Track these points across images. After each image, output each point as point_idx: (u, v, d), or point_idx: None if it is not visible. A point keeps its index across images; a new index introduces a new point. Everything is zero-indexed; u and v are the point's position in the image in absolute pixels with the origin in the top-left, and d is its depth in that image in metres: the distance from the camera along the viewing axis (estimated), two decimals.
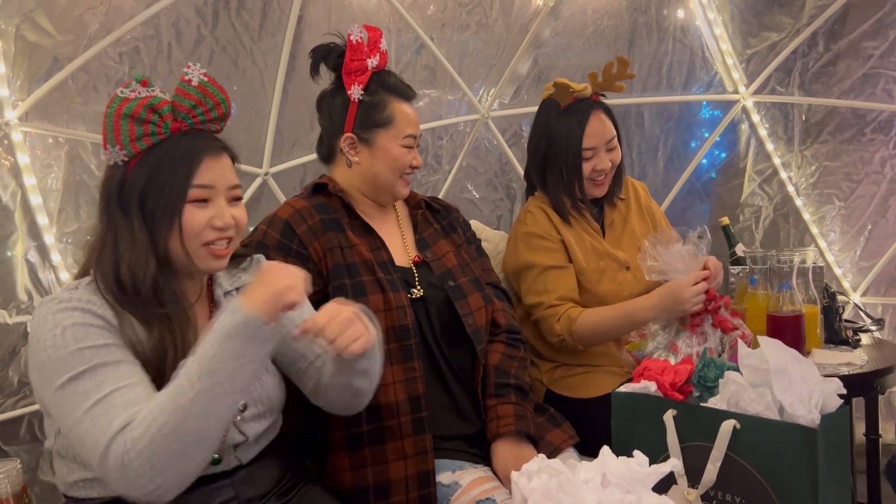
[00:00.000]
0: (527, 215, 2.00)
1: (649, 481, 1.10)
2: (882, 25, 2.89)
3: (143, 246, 1.21)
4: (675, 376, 1.37)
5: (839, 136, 3.05)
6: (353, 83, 1.65)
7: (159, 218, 1.22)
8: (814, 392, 1.25)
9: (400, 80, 1.71)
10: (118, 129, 1.21)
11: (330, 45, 1.69)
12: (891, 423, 2.92)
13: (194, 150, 1.24)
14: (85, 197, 2.27)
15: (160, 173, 1.22)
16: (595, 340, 1.89)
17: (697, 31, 3.07)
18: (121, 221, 1.22)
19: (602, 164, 1.95)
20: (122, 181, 1.23)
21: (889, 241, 3.05)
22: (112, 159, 1.23)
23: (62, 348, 1.12)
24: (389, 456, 1.55)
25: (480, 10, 2.80)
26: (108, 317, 1.18)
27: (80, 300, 1.17)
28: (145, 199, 1.22)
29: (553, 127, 1.96)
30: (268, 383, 1.34)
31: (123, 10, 2.25)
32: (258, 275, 1.16)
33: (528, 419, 1.65)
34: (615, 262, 1.97)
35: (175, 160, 1.22)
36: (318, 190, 1.70)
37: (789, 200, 3.17)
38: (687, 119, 3.20)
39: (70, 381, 1.11)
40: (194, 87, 1.24)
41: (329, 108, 1.70)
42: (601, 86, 1.98)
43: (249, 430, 1.30)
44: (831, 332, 2.19)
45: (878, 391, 2.03)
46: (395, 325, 1.57)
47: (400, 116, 1.67)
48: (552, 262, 1.92)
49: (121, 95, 1.22)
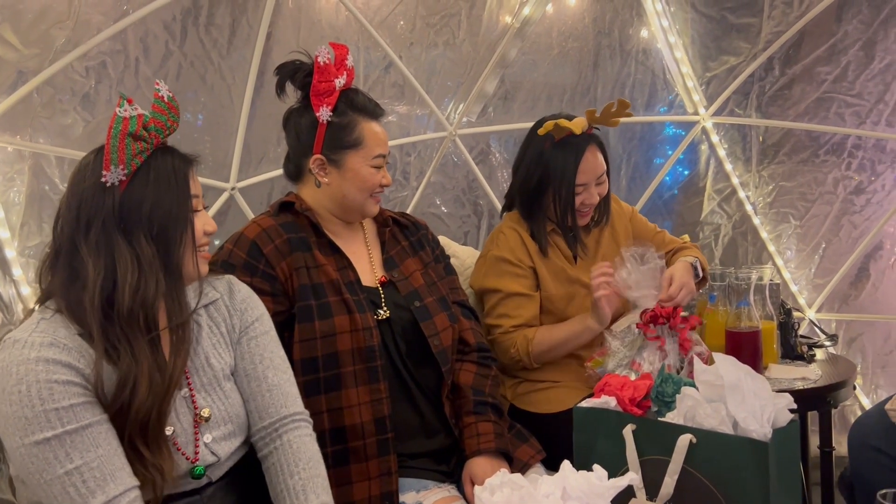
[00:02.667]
0: (500, 236, 2.02)
1: (608, 495, 1.13)
2: (834, 52, 2.99)
3: (151, 264, 1.21)
4: (634, 392, 1.40)
5: (794, 157, 3.14)
6: (322, 105, 1.63)
7: (172, 231, 1.23)
8: (766, 407, 1.30)
9: (368, 99, 1.70)
10: (123, 148, 1.21)
11: (296, 64, 1.67)
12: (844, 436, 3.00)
13: (182, 162, 1.27)
14: (48, 211, 2.24)
15: (164, 188, 1.23)
16: (550, 356, 1.94)
17: (659, 54, 3.15)
18: (121, 243, 1.20)
19: (591, 198, 1.99)
20: (119, 202, 1.21)
21: (842, 258, 3.14)
22: (110, 181, 1.21)
23: (27, 407, 1.11)
24: (353, 477, 1.54)
25: (448, 30, 2.84)
26: (74, 359, 1.15)
27: (44, 343, 1.14)
28: (154, 215, 1.22)
29: (547, 159, 1.97)
30: (235, 401, 1.35)
31: (91, 25, 2.24)
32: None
33: (505, 437, 1.67)
34: (584, 288, 2.00)
35: (170, 173, 1.25)
36: (285, 208, 1.69)
37: (747, 219, 3.25)
38: (650, 138, 3.27)
39: (36, 444, 1.11)
40: (166, 102, 1.27)
41: (296, 127, 1.68)
42: (598, 121, 1.99)
43: (221, 451, 1.31)
44: (787, 347, 2.25)
45: (831, 405, 2.09)
46: (362, 346, 1.57)
47: (369, 137, 1.66)
48: (517, 288, 1.95)
49: (121, 114, 1.21)
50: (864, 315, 3.14)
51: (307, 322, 1.57)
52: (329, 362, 1.56)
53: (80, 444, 1.12)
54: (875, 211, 3.08)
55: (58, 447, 1.11)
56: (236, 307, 1.40)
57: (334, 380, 1.56)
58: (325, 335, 1.56)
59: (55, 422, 1.11)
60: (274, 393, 1.37)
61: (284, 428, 1.36)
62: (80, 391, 1.14)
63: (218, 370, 1.34)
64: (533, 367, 1.94)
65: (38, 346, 1.14)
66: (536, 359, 1.92)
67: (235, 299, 1.41)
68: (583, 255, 2.06)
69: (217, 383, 1.33)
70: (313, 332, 1.56)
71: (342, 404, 1.56)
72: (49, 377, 1.12)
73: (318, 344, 1.56)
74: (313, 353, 1.56)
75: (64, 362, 1.14)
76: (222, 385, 1.34)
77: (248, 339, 1.39)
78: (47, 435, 1.11)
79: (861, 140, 3.04)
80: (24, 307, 2.18)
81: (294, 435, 1.36)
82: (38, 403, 1.11)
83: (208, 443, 1.28)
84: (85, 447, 1.12)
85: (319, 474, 1.35)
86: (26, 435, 1.10)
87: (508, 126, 3.02)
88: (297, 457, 1.34)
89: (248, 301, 1.42)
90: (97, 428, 1.15)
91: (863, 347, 3.17)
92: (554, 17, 3.00)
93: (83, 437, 1.13)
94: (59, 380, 1.13)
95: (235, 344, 1.38)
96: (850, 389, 2.13)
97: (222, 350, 1.36)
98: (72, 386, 1.14)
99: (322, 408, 1.55)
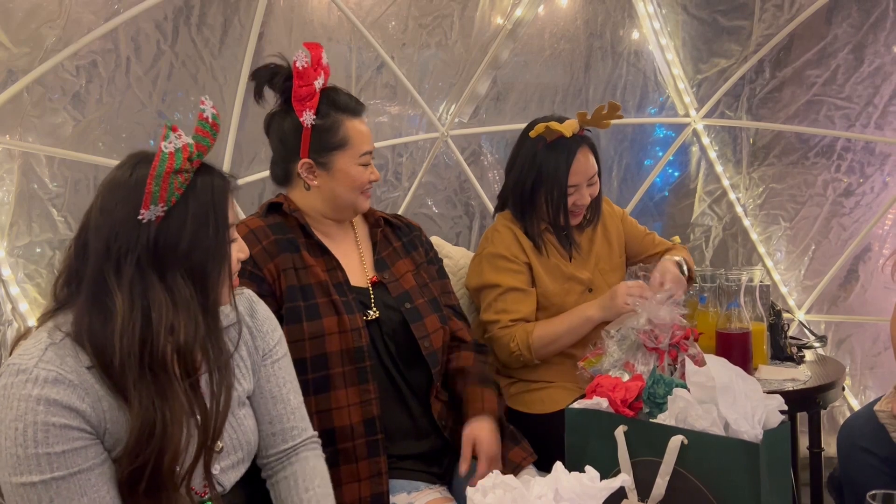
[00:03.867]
0: (494, 234, 2.03)
1: (600, 496, 1.13)
2: (824, 55, 3.01)
3: (189, 304, 1.12)
4: (625, 393, 1.40)
5: (785, 159, 3.16)
6: (305, 109, 1.61)
7: (211, 268, 1.14)
8: (757, 408, 1.30)
9: (349, 97, 1.68)
10: (166, 186, 1.10)
11: (272, 68, 1.65)
12: (833, 437, 3.02)
13: (221, 188, 1.17)
14: (37, 210, 2.23)
15: (202, 222, 1.14)
16: (550, 350, 1.94)
17: (650, 56, 3.17)
18: (156, 283, 1.11)
19: (582, 199, 2.01)
20: (154, 238, 1.11)
21: (832, 260, 3.16)
22: (147, 218, 1.11)
23: (21, 447, 1.07)
24: (343, 479, 1.54)
25: (441, 31, 2.84)
26: (78, 399, 1.09)
27: (48, 380, 1.07)
28: (192, 252, 1.13)
29: (540, 160, 1.98)
30: (248, 427, 1.31)
31: (81, 24, 2.23)
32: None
33: (503, 415, 1.69)
34: (580, 285, 2.02)
35: (209, 205, 1.14)
36: (274, 209, 1.68)
37: (738, 221, 3.26)
38: (641, 140, 3.28)
39: (23, 486, 1.08)
40: (210, 123, 1.15)
41: (280, 133, 1.67)
42: (589, 123, 2.00)
43: (227, 481, 1.28)
44: (777, 348, 2.26)
45: (820, 406, 2.10)
46: (350, 347, 1.57)
47: (355, 135, 1.65)
48: (515, 283, 1.96)
49: (167, 150, 1.10)
50: (853, 316, 3.16)
51: (295, 323, 1.56)
52: (318, 364, 1.56)
53: (64, 491, 1.09)
54: (864, 213, 3.10)
55: (42, 492, 1.08)
56: (259, 328, 1.35)
57: (323, 381, 1.56)
58: (314, 336, 1.56)
59: (45, 466, 1.08)
60: (297, 416, 1.37)
61: (304, 448, 1.37)
62: (77, 435, 1.10)
63: (234, 397, 1.27)
64: (533, 362, 1.93)
65: (42, 383, 1.07)
66: (537, 353, 1.92)
67: (257, 319, 1.36)
68: (577, 254, 2.07)
69: (232, 411, 1.28)
70: (301, 334, 1.56)
71: (331, 406, 1.56)
72: (47, 419, 1.07)
73: (306, 345, 1.56)
74: (302, 354, 1.55)
75: (65, 403, 1.08)
76: (236, 412, 1.30)
77: (273, 362, 1.36)
78: (34, 479, 1.07)
79: (850, 142, 3.06)
80: (12, 307, 2.17)
81: (311, 454, 1.37)
82: (32, 445, 1.07)
83: (216, 473, 1.24)
84: (70, 495, 1.09)
85: (330, 494, 1.36)
86: (14, 474, 1.08)
87: (500, 127, 3.03)
88: (314, 474, 1.35)
89: (269, 321, 1.38)
90: (87, 475, 1.10)
91: (852, 349, 3.19)
92: (546, 18, 3.01)
93: (69, 484, 1.09)
94: (56, 423, 1.08)
95: (258, 366, 1.35)
96: (839, 390, 2.15)
97: (241, 375, 1.31)
98: (69, 430, 1.09)
99: (311, 409, 1.53)
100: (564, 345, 1.96)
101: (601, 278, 2.08)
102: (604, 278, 2.08)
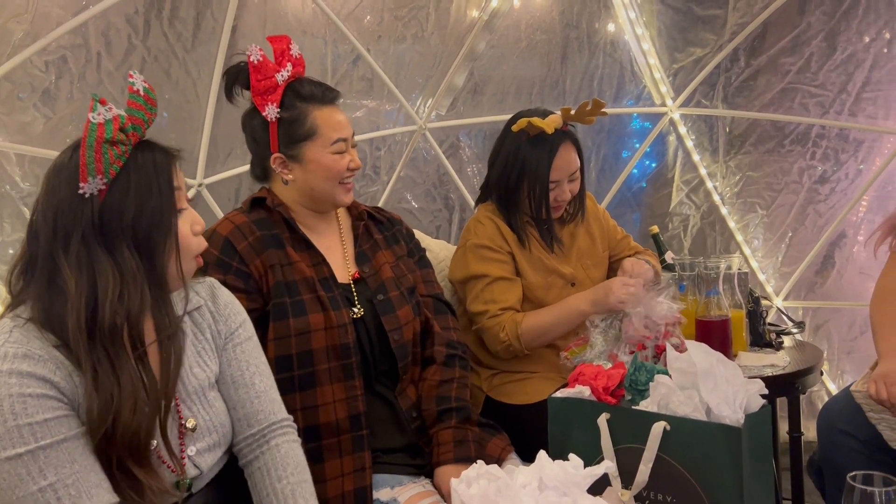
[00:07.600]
0: (477, 225, 2.03)
1: (584, 483, 1.13)
2: (798, 43, 3.04)
3: (135, 276, 1.13)
4: (607, 380, 1.41)
5: (760, 147, 3.19)
6: (266, 103, 1.59)
7: (156, 239, 1.15)
8: (738, 393, 1.31)
9: (316, 85, 1.65)
10: (100, 157, 1.12)
11: (240, 66, 1.62)
12: (812, 422, 3.06)
13: (164, 159, 1.18)
14: (9, 210, 2.19)
15: (145, 192, 1.14)
16: (540, 341, 1.94)
17: (626, 46, 3.18)
18: (102, 257, 1.12)
19: (563, 195, 2.01)
20: (99, 212, 1.12)
21: (808, 247, 3.20)
22: (88, 192, 1.12)
23: (0, 422, 1.06)
24: (328, 475, 1.53)
25: (416, 23, 2.83)
26: (49, 372, 1.09)
27: (17, 355, 1.08)
28: (136, 223, 1.14)
29: (523, 154, 1.98)
30: (220, 410, 1.31)
31: (50, 18, 2.19)
32: None
33: (469, 442, 1.65)
34: (561, 279, 2.02)
35: (151, 175, 1.15)
36: (257, 203, 1.67)
37: (715, 209, 3.29)
38: (618, 130, 3.29)
39: (8, 460, 1.06)
40: (142, 96, 1.17)
41: (251, 130, 1.66)
42: (573, 118, 1.99)
43: (204, 463, 1.27)
44: (756, 335, 2.28)
45: (799, 391, 2.12)
46: (337, 343, 1.56)
47: (323, 124, 1.62)
48: (501, 273, 1.96)
49: (95, 120, 1.12)
50: (829, 302, 3.21)
51: (282, 320, 1.55)
52: (304, 360, 1.55)
53: (54, 459, 1.08)
54: (839, 199, 3.14)
55: (31, 463, 1.07)
56: (220, 312, 1.36)
57: (309, 377, 1.55)
58: (300, 332, 1.55)
59: (28, 437, 1.07)
60: (262, 399, 1.35)
61: (272, 434, 1.34)
62: (56, 405, 1.10)
63: (203, 379, 1.29)
64: (524, 352, 1.93)
65: (12, 358, 1.08)
66: (526, 342, 1.91)
67: (219, 304, 1.36)
68: (559, 249, 2.07)
69: (202, 392, 1.29)
70: (288, 330, 1.55)
71: (317, 402, 1.55)
72: (22, 391, 1.07)
73: (292, 342, 1.55)
74: (287, 350, 1.54)
75: (38, 375, 1.09)
76: (207, 394, 1.30)
77: (234, 346, 1.36)
78: (20, 451, 1.06)
79: (825, 129, 3.10)
80: None
81: (282, 440, 1.34)
82: (11, 418, 1.06)
83: (192, 455, 1.24)
84: (59, 463, 1.08)
85: (306, 479, 1.33)
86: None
87: (478, 119, 3.02)
88: (286, 462, 1.32)
89: (231, 306, 1.38)
90: (73, 443, 1.10)
91: (829, 334, 3.23)
92: (521, 9, 3.00)
93: (57, 453, 1.08)
94: (32, 393, 1.08)
95: (221, 350, 1.35)
96: (817, 375, 2.17)
97: (207, 358, 1.32)
98: (46, 399, 1.09)
99: (296, 405, 1.53)
100: (554, 337, 1.96)
101: (584, 273, 2.08)
102: (587, 273, 2.09)
